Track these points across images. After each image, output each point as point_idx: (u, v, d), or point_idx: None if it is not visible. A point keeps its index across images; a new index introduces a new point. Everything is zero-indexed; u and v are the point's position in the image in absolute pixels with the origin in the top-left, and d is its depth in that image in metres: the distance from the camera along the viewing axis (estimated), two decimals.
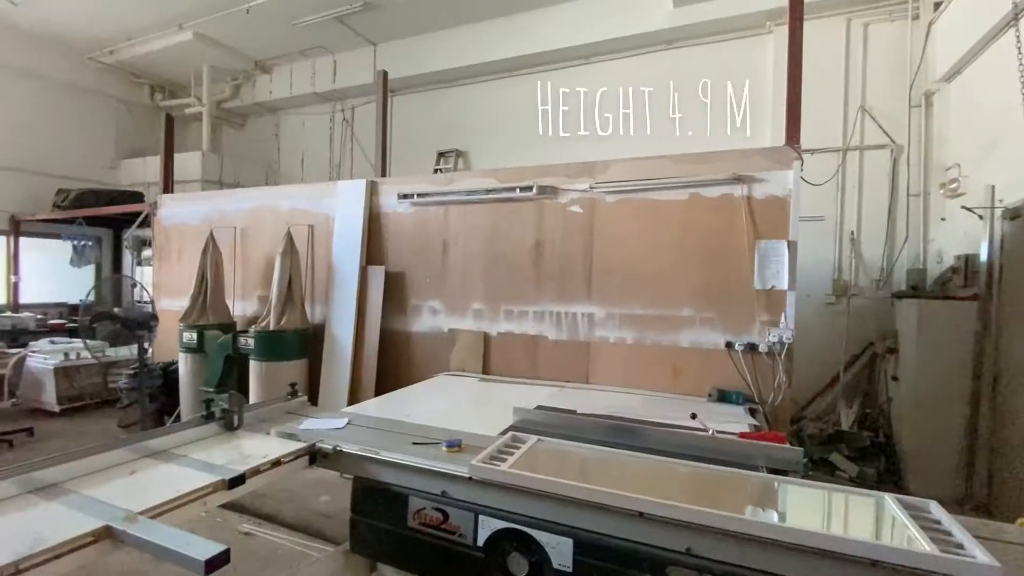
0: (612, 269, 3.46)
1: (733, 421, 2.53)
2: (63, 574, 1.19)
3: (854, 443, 4.45)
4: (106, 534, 1.25)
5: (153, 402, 4.59)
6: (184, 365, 4.59)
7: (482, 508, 1.65)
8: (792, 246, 2.97)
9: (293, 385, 2.50)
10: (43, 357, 5.58)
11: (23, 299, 7.89)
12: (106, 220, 7.79)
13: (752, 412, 2.82)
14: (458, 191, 3.97)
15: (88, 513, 1.31)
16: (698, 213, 3.21)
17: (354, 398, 4.14)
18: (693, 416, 2.30)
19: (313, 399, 4.24)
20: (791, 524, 1.29)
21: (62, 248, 8.21)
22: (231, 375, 4.29)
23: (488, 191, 3.80)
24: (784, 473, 1.81)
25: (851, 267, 5.22)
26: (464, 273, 4.00)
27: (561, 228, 3.61)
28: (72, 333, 7.04)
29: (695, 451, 1.94)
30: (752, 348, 3.05)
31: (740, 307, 3.11)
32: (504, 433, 2.03)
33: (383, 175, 4.65)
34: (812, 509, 1.56)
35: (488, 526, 1.64)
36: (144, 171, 8.46)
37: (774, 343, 2.95)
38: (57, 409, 5.50)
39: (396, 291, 4.31)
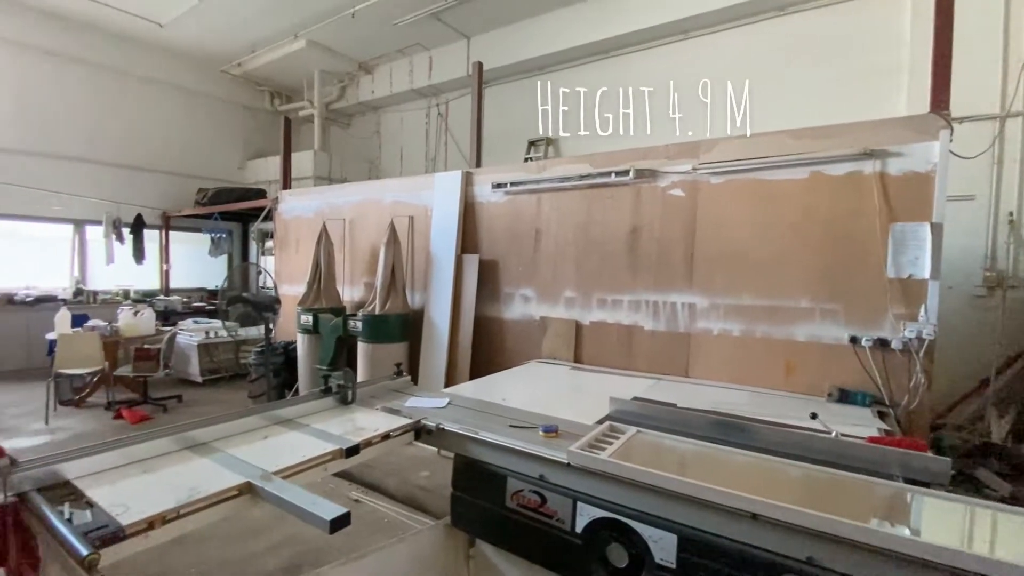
0: (717, 256, 3.24)
1: (858, 424, 2.28)
2: (210, 522, 1.36)
3: (1009, 458, 3.82)
4: (247, 489, 1.40)
5: (276, 376, 5.12)
6: (301, 345, 5.07)
7: (580, 495, 1.63)
8: (936, 229, 2.58)
9: (398, 365, 2.64)
10: (189, 335, 6.44)
11: (172, 284, 9.16)
12: (236, 215, 8.76)
13: (881, 416, 2.52)
14: (551, 178, 3.94)
15: (233, 470, 1.48)
16: (820, 193, 2.89)
17: (450, 380, 4.31)
18: (813, 416, 2.10)
19: (413, 379, 4.48)
20: (942, 542, 1.12)
21: (202, 240, 9.41)
22: (342, 354, 4.66)
23: (582, 177, 3.73)
24: (924, 485, 1.59)
25: (1008, 254, 4.45)
26: (556, 261, 3.98)
27: (660, 213, 3.45)
28: (211, 314, 8.07)
29: (814, 454, 1.77)
30: (883, 344, 2.71)
31: (869, 298, 2.76)
32: (601, 422, 1.99)
33: (477, 166, 4.75)
34: (956, 527, 1.35)
35: (586, 513, 1.63)
36: (266, 170, 9.40)
37: (911, 339, 2.59)
38: (200, 380, 6.34)
39: (489, 279, 4.40)
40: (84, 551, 1.04)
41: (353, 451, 1.72)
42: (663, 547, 1.45)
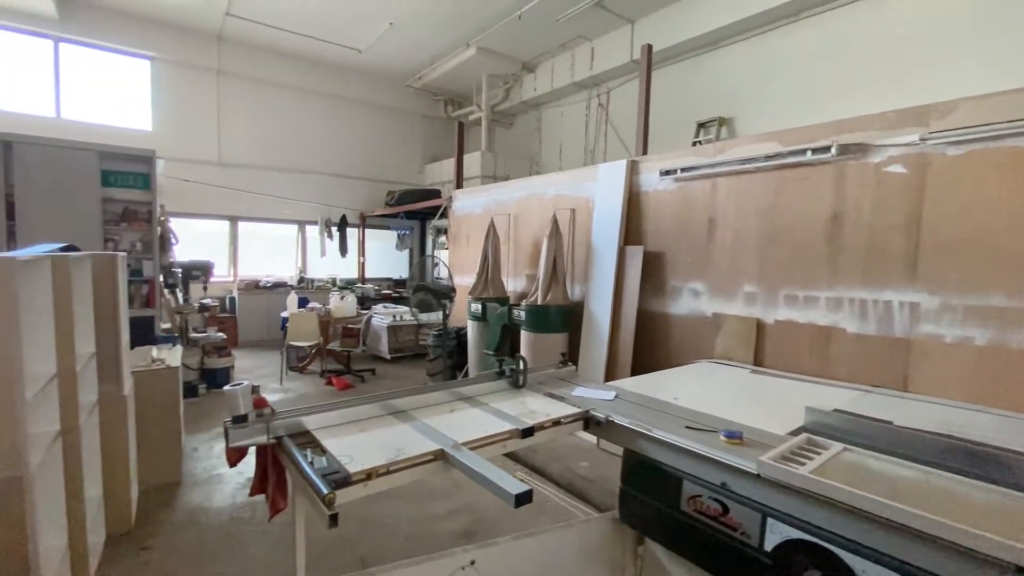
0: (953, 245, 2.61)
1: None
2: (411, 480, 1.53)
3: None
4: (441, 456, 1.55)
5: (450, 358, 5.62)
6: (471, 331, 5.48)
7: (771, 511, 1.48)
8: None
9: (564, 355, 2.69)
10: (380, 318, 7.44)
11: (367, 274, 10.66)
12: (416, 213, 9.81)
13: None
14: (729, 161, 3.59)
15: (428, 437, 1.65)
16: None
17: (610, 374, 4.25)
18: None
19: None
20: None
21: (390, 236, 10.77)
22: (506, 341, 4.92)
23: (768, 157, 3.32)
24: None
25: None
26: (734, 252, 3.63)
27: (871, 194, 2.90)
28: (396, 301, 9.21)
29: None
30: None
31: None
32: (795, 434, 1.77)
33: (643, 153, 4.57)
34: None
35: (778, 531, 1.47)
36: (440, 172, 10.35)
37: None
38: (388, 357, 7.28)
39: (654, 272, 4.21)
40: (325, 490, 1.26)
41: (528, 433, 1.79)
42: None
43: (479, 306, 5.25)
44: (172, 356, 3.57)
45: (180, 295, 5.90)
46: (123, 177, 4.86)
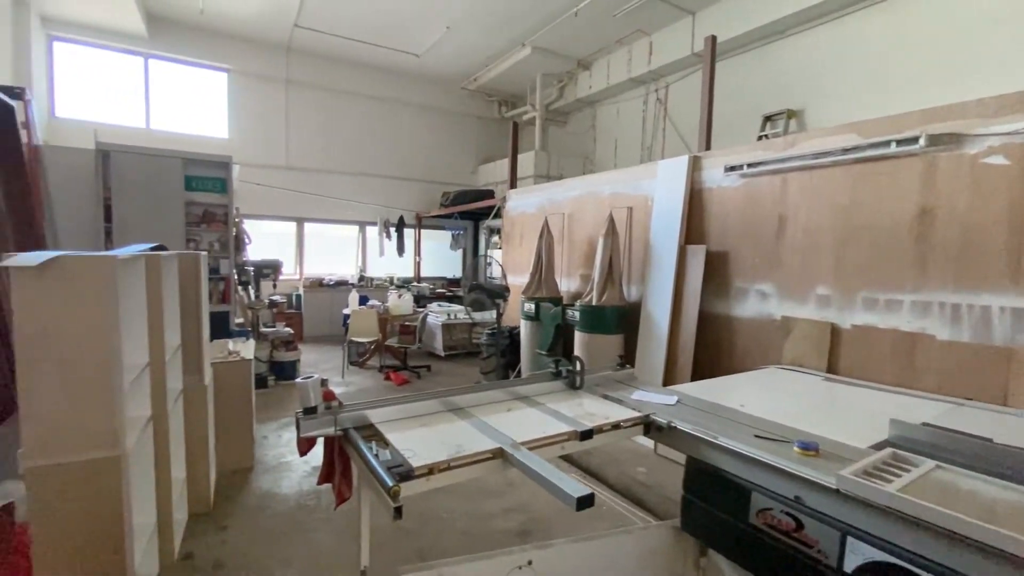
0: None
1: None
2: (469, 478, 1.54)
3: None
4: (500, 455, 1.55)
5: (502, 357, 5.65)
6: (524, 330, 5.48)
7: (853, 529, 1.38)
8: None
9: (622, 357, 2.62)
10: (435, 316, 7.59)
11: (422, 273, 10.92)
12: (470, 213, 9.94)
13: None
14: (801, 155, 3.38)
15: (487, 435, 1.66)
16: None
17: (669, 378, 4.13)
18: None
19: None
20: None
21: (444, 236, 10.97)
22: (559, 341, 4.89)
23: (845, 151, 3.10)
24: None
25: None
26: (806, 252, 3.41)
27: (966, 189, 2.64)
28: (449, 300, 9.37)
29: None
30: None
31: None
32: (878, 448, 1.65)
33: (707, 148, 4.39)
34: None
35: (860, 552, 1.37)
36: (493, 172, 10.43)
37: None
38: (443, 354, 7.42)
39: (717, 272, 4.04)
40: (390, 482, 1.29)
41: (587, 435, 1.76)
42: None
43: (532, 306, 5.25)
44: (246, 349, 3.80)
45: (252, 292, 6.27)
46: (203, 182, 5.23)
